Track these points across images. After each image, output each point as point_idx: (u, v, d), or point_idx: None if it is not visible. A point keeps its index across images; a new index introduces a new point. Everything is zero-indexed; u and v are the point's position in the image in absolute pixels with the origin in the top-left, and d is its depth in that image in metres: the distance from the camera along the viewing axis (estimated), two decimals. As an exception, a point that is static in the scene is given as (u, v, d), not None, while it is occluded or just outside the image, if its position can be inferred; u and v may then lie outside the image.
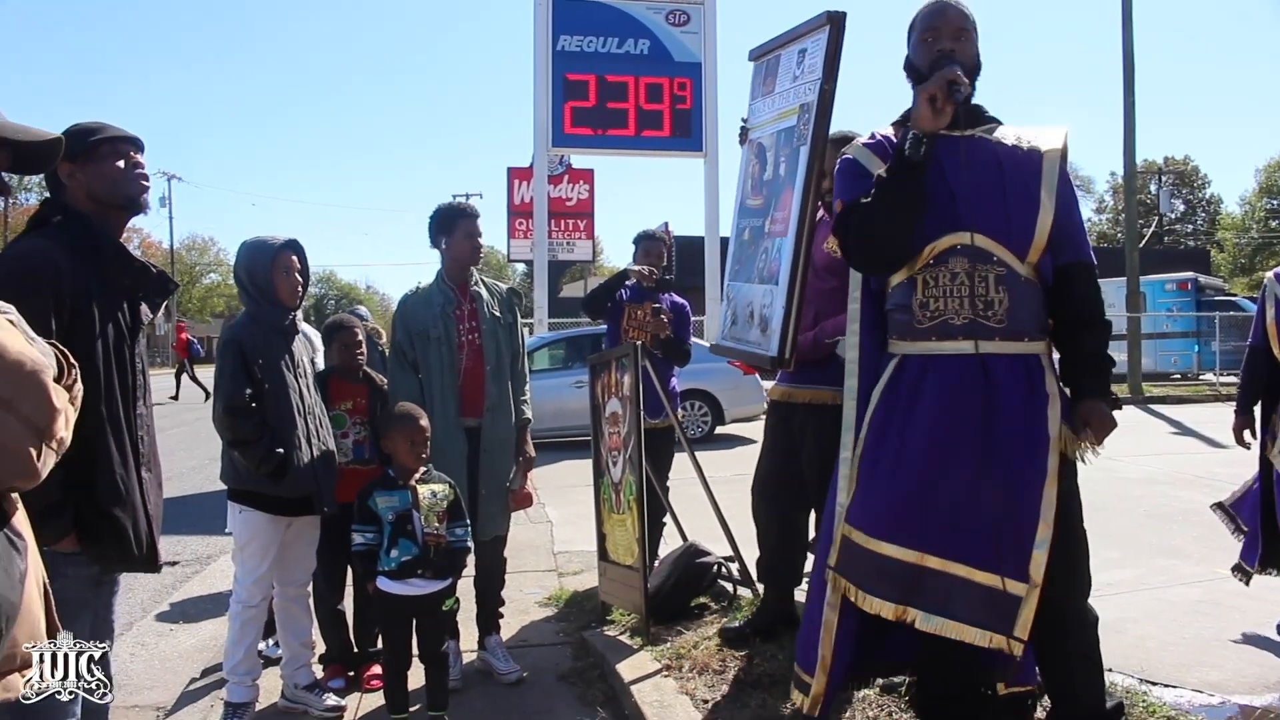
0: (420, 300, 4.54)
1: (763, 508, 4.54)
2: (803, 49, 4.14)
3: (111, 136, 2.77)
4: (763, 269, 4.26)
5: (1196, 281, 26.44)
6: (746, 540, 4.90)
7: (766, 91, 4.54)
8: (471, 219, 4.54)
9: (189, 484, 10.74)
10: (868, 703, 3.66)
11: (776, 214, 4.20)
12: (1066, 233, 2.99)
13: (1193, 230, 66.36)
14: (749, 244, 4.51)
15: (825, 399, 4.13)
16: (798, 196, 3.97)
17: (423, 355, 4.43)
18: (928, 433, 2.93)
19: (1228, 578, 5.05)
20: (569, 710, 4.19)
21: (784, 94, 4.32)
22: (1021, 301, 2.93)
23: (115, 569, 2.81)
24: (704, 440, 13.56)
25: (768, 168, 4.41)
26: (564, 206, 28.35)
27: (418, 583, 3.78)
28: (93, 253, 2.71)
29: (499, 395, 4.53)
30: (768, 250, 4.24)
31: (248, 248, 4.14)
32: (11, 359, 1.58)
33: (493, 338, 4.53)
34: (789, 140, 4.16)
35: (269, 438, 3.87)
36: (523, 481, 4.68)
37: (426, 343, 4.43)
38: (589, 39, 15.66)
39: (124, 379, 2.75)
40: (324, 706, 4.18)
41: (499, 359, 4.55)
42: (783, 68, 4.37)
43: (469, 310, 4.53)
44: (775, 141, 4.34)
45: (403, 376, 4.47)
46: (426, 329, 4.43)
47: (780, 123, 4.30)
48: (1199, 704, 3.81)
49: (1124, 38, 20.45)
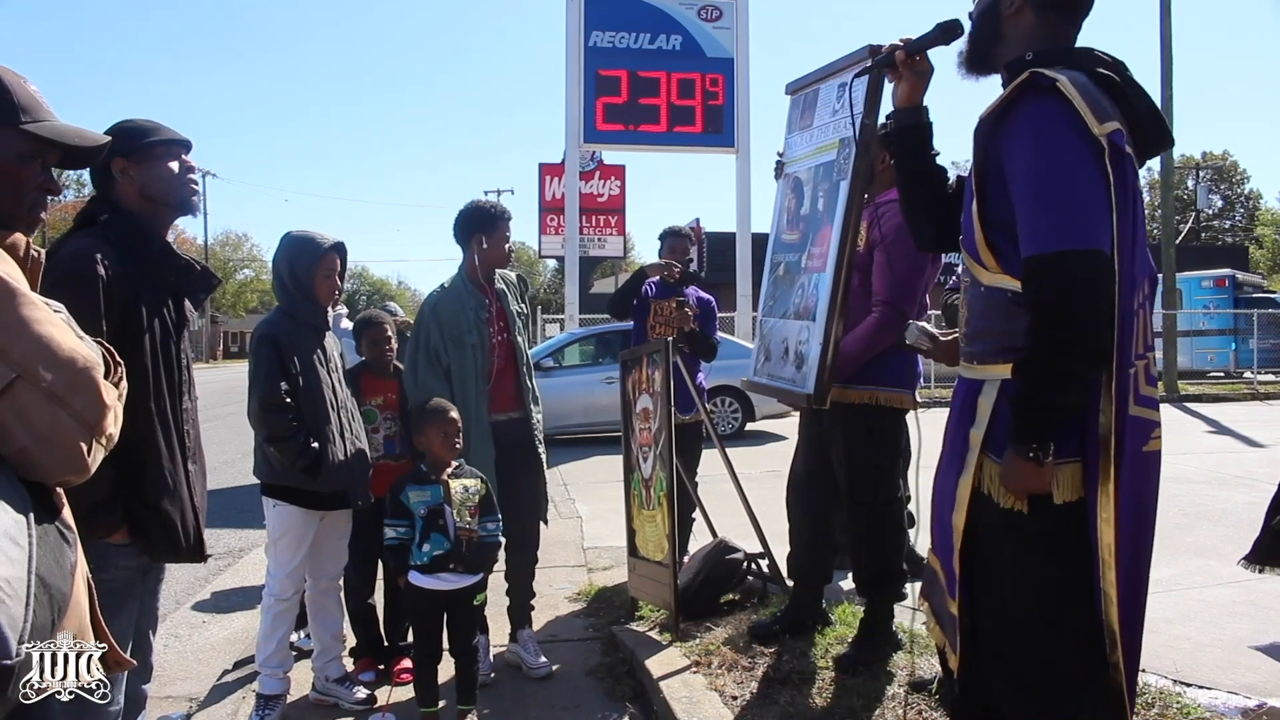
0: (452, 302, 4.47)
1: (795, 505, 4.54)
2: (844, 83, 4.02)
3: (167, 139, 2.82)
4: (799, 305, 4.18)
5: (1234, 278, 26.13)
6: (777, 536, 4.89)
7: (804, 126, 4.46)
8: (509, 222, 4.57)
9: (222, 478, 10.83)
10: (897, 700, 3.65)
11: (814, 249, 4.11)
12: (1012, 221, 2.38)
13: (1231, 226, 65.47)
14: (784, 279, 4.43)
15: (853, 398, 4.11)
16: (837, 232, 3.87)
17: (457, 360, 4.39)
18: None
19: (1265, 579, 4.98)
20: (598, 705, 4.20)
21: (823, 128, 4.24)
22: (982, 316, 2.53)
23: (164, 560, 2.88)
24: (735, 437, 13.54)
25: (805, 202, 4.32)
26: (595, 202, 28.41)
27: (449, 577, 3.79)
28: (141, 251, 2.76)
29: (531, 385, 4.63)
30: (804, 286, 4.16)
31: (293, 242, 4.14)
32: (64, 356, 1.61)
33: (520, 333, 4.61)
34: (828, 175, 4.08)
35: (304, 433, 3.90)
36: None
37: (461, 349, 4.40)
38: (621, 35, 15.67)
39: (170, 375, 2.80)
40: (354, 699, 4.21)
41: (526, 355, 4.63)
42: (821, 101, 4.29)
43: (497, 310, 4.56)
44: (813, 176, 4.25)
45: (435, 383, 4.36)
46: (462, 335, 4.40)
47: (819, 157, 4.22)
48: (1234, 706, 3.76)
49: (1162, 29, 20.21)
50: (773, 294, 4.57)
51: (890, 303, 4.00)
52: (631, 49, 15.69)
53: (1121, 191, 2.25)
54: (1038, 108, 2.31)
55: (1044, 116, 2.30)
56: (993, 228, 2.45)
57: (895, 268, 3.98)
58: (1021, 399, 2.31)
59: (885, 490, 4.16)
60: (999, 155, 2.39)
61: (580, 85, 15.57)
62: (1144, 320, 2.37)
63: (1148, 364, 2.38)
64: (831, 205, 3.99)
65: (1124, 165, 2.26)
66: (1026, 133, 2.33)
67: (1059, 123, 2.27)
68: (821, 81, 4.31)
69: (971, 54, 2.66)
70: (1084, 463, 2.33)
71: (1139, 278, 2.33)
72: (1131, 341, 2.30)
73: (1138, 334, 2.33)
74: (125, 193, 2.78)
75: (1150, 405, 2.38)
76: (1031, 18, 2.48)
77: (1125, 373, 2.30)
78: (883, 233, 4.01)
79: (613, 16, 15.62)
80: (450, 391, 4.32)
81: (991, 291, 2.46)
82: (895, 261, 3.98)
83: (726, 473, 5.34)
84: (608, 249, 30.31)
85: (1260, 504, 5.10)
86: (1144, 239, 2.38)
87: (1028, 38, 2.49)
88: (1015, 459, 2.30)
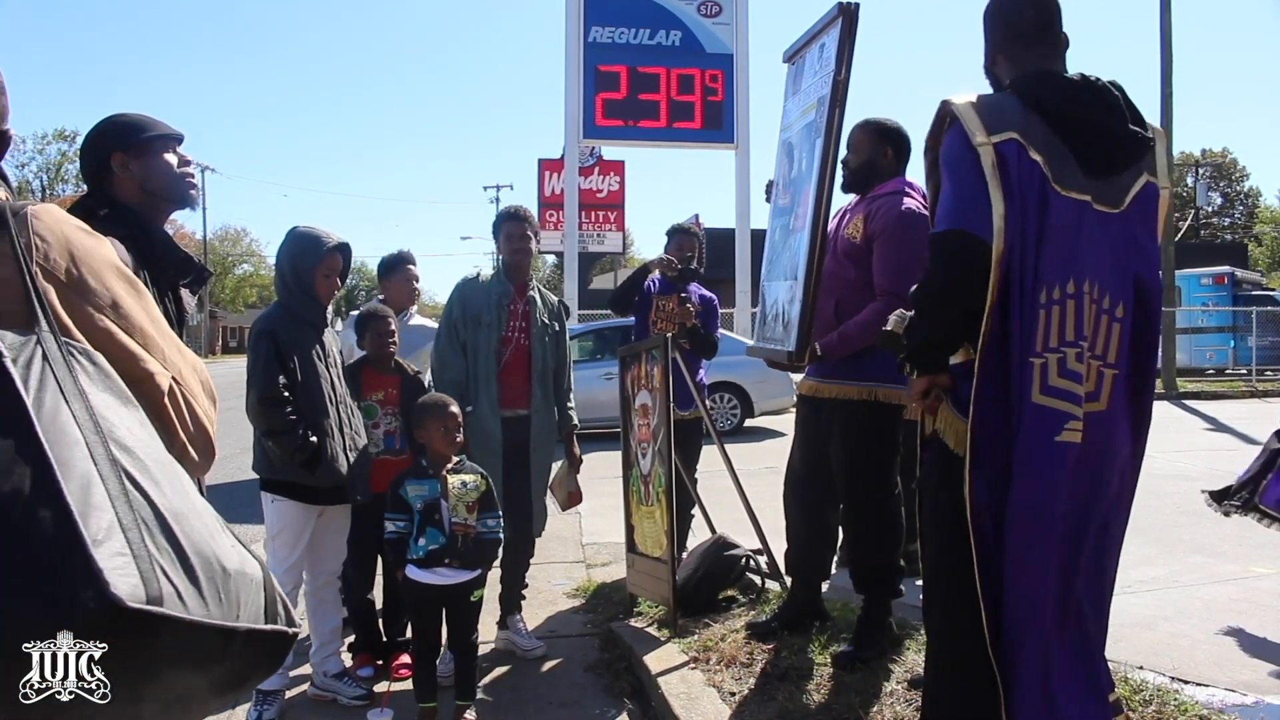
0: (480, 287, 4.76)
1: (792, 501, 4.53)
2: (822, 43, 4.18)
3: (164, 133, 2.81)
4: (788, 266, 4.28)
5: (1233, 276, 26.11)
6: (775, 533, 4.89)
7: (795, 91, 4.57)
8: (511, 221, 4.76)
9: (221, 473, 10.82)
10: (895, 697, 3.65)
11: (799, 210, 4.21)
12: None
13: (1230, 224, 65.49)
14: (780, 243, 4.52)
15: (852, 394, 4.11)
16: (813, 189, 3.98)
17: (472, 338, 4.64)
18: None
19: (1262, 576, 5.00)
20: (596, 701, 4.21)
21: (807, 90, 4.35)
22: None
23: None
24: (733, 433, 13.54)
25: (794, 165, 4.43)
26: (595, 198, 28.39)
27: (445, 572, 3.79)
28: (144, 245, 2.75)
29: (543, 397, 4.72)
30: (792, 247, 4.25)
31: (298, 239, 4.15)
32: (190, 354, 1.71)
33: (540, 342, 4.72)
34: (809, 135, 4.17)
35: (301, 427, 3.91)
36: (574, 481, 4.98)
37: (478, 327, 4.64)
38: (621, 30, 15.68)
39: None
40: (353, 694, 4.21)
41: (544, 363, 4.73)
42: (807, 65, 4.40)
43: (523, 309, 4.72)
44: (800, 139, 4.35)
45: (452, 355, 4.66)
46: (480, 313, 4.65)
47: (804, 119, 4.32)
48: (1231, 703, 3.76)
49: (1162, 25, 20.13)
50: (770, 259, 4.67)
51: (894, 292, 3.97)
52: (631, 44, 15.71)
53: (1006, 191, 2.61)
54: (950, 129, 2.79)
55: (950, 135, 2.78)
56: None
57: (896, 259, 3.98)
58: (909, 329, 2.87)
59: (883, 487, 4.16)
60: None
61: (580, 81, 15.58)
62: (1066, 314, 2.64)
63: (1064, 358, 2.63)
64: (811, 163, 4.07)
65: (1006, 168, 2.62)
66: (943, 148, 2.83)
67: (953, 137, 2.75)
68: (807, 47, 4.42)
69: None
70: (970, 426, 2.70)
71: (1048, 275, 2.62)
72: (1035, 333, 2.62)
73: (1049, 328, 2.62)
74: (124, 187, 2.77)
75: (1063, 397, 2.63)
76: (1003, 60, 2.93)
77: (1025, 363, 2.62)
78: (882, 225, 4.00)
79: (612, 12, 15.63)
80: (465, 367, 4.59)
81: None
82: (895, 252, 3.98)
83: (725, 469, 5.34)
84: (607, 245, 30.29)
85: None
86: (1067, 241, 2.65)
87: (1006, 73, 2.91)
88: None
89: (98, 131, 2.69)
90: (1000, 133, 2.64)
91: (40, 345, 1.40)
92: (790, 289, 4.15)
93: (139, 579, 1.26)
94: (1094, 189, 2.69)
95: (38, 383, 1.35)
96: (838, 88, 3.89)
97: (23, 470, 1.26)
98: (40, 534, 1.23)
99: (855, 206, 4.23)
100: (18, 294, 1.46)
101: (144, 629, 1.26)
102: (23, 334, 1.40)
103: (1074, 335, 2.63)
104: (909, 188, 4.13)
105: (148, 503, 1.35)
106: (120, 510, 1.31)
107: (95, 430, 1.37)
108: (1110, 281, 2.69)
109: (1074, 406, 2.63)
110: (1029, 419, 2.63)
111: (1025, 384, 2.62)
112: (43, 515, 1.24)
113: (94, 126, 2.71)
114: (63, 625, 1.21)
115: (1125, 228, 2.74)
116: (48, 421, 1.32)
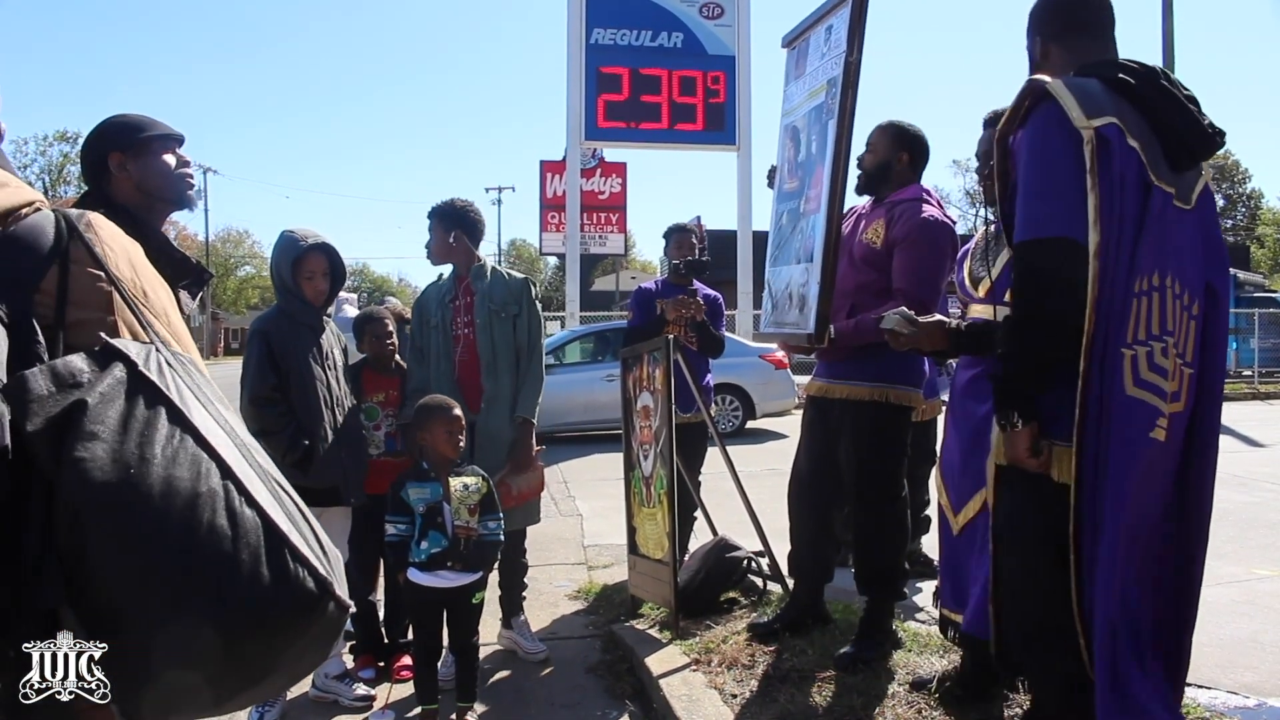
0: (434, 289, 4.73)
1: (797, 503, 4.52)
2: (829, 25, 4.15)
3: (164, 134, 2.81)
4: (799, 249, 4.25)
5: (1235, 278, 26.06)
6: (778, 534, 4.89)
7: (798, 75, 4.55)
8: (433, 220, 4.64)
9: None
10: (897, 699, 3.65)
11: (810, 192, 4.18)
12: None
13: (1232, 225, 65.31)
14: (787, 228, 4.50)
15: (862, 395, 4.10)
16: (828, 170, 3.95)
17: (426, 343, 4.60)
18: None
19: (1265, 578, 4.99)
20: (597, 703, 4.20)
21: (813, 73, 4.32)
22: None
23: None
24: (735, 435, 13.53)
25: (801, 148, 4.41)
26: (596, 200, 28.41)
27: (447, 575, 3.79)
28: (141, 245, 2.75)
29: (494, 390, 4.49)
30: (803, 230, 4.23)
31: (280, 240, 4.20)
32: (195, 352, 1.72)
33: (486, 331, 4.49)
34: (819, 117, 4.15)
35: (294, 428, 3.91)
36: (511, 479, 4.45)
37: (429, 330, 4.59)
38: (622, 32, 15.68)
39: None
40: (354, 696, 4.21)
41: (493, 354, 4.50)
42: (812, 48, 4.37)
43: (466, 303, 4.56)
44: (807, 122, 4.33)
45: (416, 366, 4.63)
46: (429, 315, 4.61)
47: (811, 101, 4.30)
48: (1234, 705, 3.76)
49: (1164, 27, 20.11)
50: (776, 244, 4.64)
51: (913, 296, 3.94)
52: (633, 46, 15.72)
53: (1105, 180, 2.41)
54: (1035, 112, 2.56)
55: (1038, 118, 2.54)
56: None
57: (916, 263, 3.98)
58: (996, 374, 2.64)
59: (890, 488, 4.15)
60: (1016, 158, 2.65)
61: (581, 82, 15.58)
62: (1153, 306, 2.47)
63: (1152, 351, 2.46)
64: (823, 146, 4.05)
65: (1109, 155, 2.42)
66: (1025, 134, 2.59)
67: (1047, 120, 2.51)
68: (811, 30, 4.40)
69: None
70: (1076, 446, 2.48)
71: (1143, 264, 2.45)
72: (1126, 325, 2.44)
73: (1139, 318, 2.45)
74: (122, 188, 2.76)
75: (1154, 391, 2.47)
76: (1056, 50, 2.77)
77: (1115, 354, 2.44)
78: (904, 232, 3.99)
79: (614, 14, 15.64)
80: (425, 374, 4.54)
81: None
82: (915, 258, 3.98)
83: (727, 470, 5.33)
84: (609, 246, 30.33)
85: (1261, 504, 5.11)
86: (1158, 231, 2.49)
87: (1060, 66, 2.71)
88: (999, 431, 2.61)
89: (97, 132, 2.69)
90: (1099, 116, 2.45)
91: (160, 354, 1.41)
92: (805, 271, 4.11)
93: (326, 566, 1.34)
94: (1175, 182, 2.56)
95: (175, 390, 1.37)
96: (849, 69, 3.84)
97: (209, 467, 1.30)
98: (246, 526, 1.28)
99: (872, 211, 4.21)
100: (98, 301, 1.45)
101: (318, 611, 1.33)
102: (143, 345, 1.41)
103: (1159, 329, 2.48)
104: (926, 194, 4.13)
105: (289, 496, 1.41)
106: (284, 503, 1.37)
107: (230, 432, 1.40)
108: (1189, 278, 2.55)
109: (1162, 403, 2.48)
110: (1120, 413, 2.44)
111: (1116, 376, 2.44)
112: (245, 512, 1.29)
113: (94, 127, 2.71)
114: (284, 608, 1.28)
115: (1197, 225, 2.63)
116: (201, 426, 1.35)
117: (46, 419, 1.25)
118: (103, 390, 1.30)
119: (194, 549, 1.24)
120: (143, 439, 1.28)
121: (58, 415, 1.26)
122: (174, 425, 1.32)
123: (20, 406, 1.25)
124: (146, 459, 1.25)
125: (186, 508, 1.25)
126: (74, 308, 1.42)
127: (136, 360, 1.36)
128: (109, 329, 1.42)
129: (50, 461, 1.23)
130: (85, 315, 1.42)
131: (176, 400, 1.35)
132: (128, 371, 1.34)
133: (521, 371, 4.56)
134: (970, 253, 3.71)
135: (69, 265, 1.44)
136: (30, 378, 1.27)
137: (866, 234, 4.12)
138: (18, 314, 1.36)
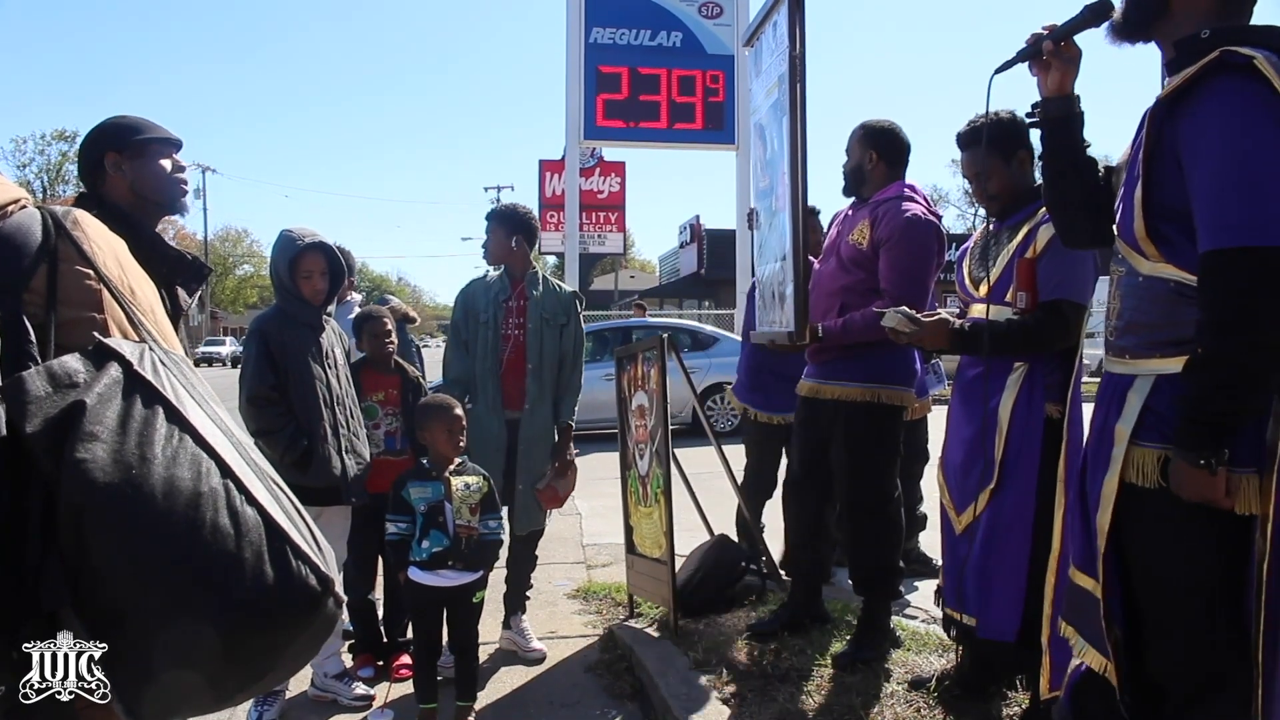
0: (482, 286, 4.80)
1: (791, 503, 4.53)
2: (774, 22, 4.16)
3: (160, 137, 2.81)
4: (776, 247, 4.27)
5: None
6: (775, 534, 4.89)
7: (758, 74, 4.58)
8: (491, 222, 4.77)
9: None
10: (896, 698, 3.65)
11: (778, 189, 4.19)
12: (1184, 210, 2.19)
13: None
14: (765, 226, 4.53)
15: (854, 395, 4.11)
16: (785, 167, 3.96)
17: (472, 337, 4.66)
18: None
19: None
20: (596, 702, 4.21)
21: (768, 70, 4.34)
22: (1136, 308, 2.36)
23: None
24: (733, 434, 13.51)
25: (768, 146, 4.42)
26: (595, 199, 28.43)
27: (448, 574, 3.79)
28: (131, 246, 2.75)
29: (539, 394, 4.62)
30: (776, 228, 4.25)
31: (278, 239, 4.20)
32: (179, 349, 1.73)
33: (537, 337, 4.62)
34: (776, 113, 4.15)
35: (293, 427, 3.92)
36: (557, 482, 4.69)
37: (477, 325, 4.65)
38: (622, 31, 15.67)
39: None
40: (353, 695, 4.21)
41: (541, 359, 4.63)
42: (764, 46, 4.40)
43: (519, 306, 4.66)
44: (769, 119, 4.35)
45: (455, 355, 4.71)
46: (479, 312, 4.66)
47: (769, 99, 4.31)
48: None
49: None
50: (760, 243, 4.68)
51: (901, 297, 3.96)
52: (632, 45, 15.70)
53: None
54: (1229, 88, 2.10)
55: (1237, 98, 2.09)
56: (1159, 215, 2.27)
57: (903, 264, 3.99)
58: (1194, 403, 2.14)
59: (884, 488, 4.15)
60: (1175, 138, 2.20)
61: (580, 81, 15.56)
62: None
63: None
64: (781, 142, 4.05)
65: None
66: (1214, 115, 2.13)
67: (1254, 105, 2.07)
68: (761, 28, 4.41)
69: (1129, 20, 2.40)
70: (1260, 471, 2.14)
71: None
72: None
73: None
74: (116, 187, 2.76)
75: None
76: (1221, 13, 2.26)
77: None
78: (888, 232, 3.99)
79: (613, 13, 15.61)
80: (470, 368, 4.63)
81: (1151, 282, 2.30)
82: (902, 259, 3.98)
83: (723, 470, 5.33)
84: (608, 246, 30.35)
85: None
86: None
87: (1201, 13, 2.27)
88: (1185, 467, 2.14)
89: (96, 131, 2.70)
90: None
91: (153, 354, 1.42)
92: (782, 268, 4.13)
93: (325, 563, 1.37)
94: None
95: (171, 389, 1.38)
96: (794, 63, 3.84)
97: (209, 466, 1.32)
98: (249, 525, 1.30)
99: (856, 213, 4.22)
100: (88, 300, 1.45)
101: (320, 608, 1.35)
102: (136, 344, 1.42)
103: None
104: (910, 191, 4.13)
105: (284, 493, 1.42)
106: (281, 501, 1.39)
107: (225, 431, 1.41)
108: None
109: None
110: None
111: None
112: (246, 511, 1.31)
113: (94, 127, 2.72)
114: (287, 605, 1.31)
115: None
116: (198, 424, 1.36)
117: (45, 420, 1.25)
118: (100, 390, 1.30)
119: (198, 549, 1.25)
120: (142, 439, 1.28)
121: (56, 416, 1.26)
122: (172, 425, 1.32)
123: (18, 408, 1.25)
124: (147, 459, 1.26)
125: (189, 508, 1.25)
126: (64, 306, 1.42)
127: (131, 359, 1.36)
128: (100, 328, 1.42)
129: (50, 463, 1.24)
130: (76, 314, 1.42)
131: (173, 399, 1.35)
132: (123, 371, 1.35)
133: (563, 378, 4.72)
134: (969, 252, 3.71)
135: (58, 264, 1.44)
136: (27, 379, 1.27)
137: (852, 235, 4.13)
138: (9, 314, 1.36)
